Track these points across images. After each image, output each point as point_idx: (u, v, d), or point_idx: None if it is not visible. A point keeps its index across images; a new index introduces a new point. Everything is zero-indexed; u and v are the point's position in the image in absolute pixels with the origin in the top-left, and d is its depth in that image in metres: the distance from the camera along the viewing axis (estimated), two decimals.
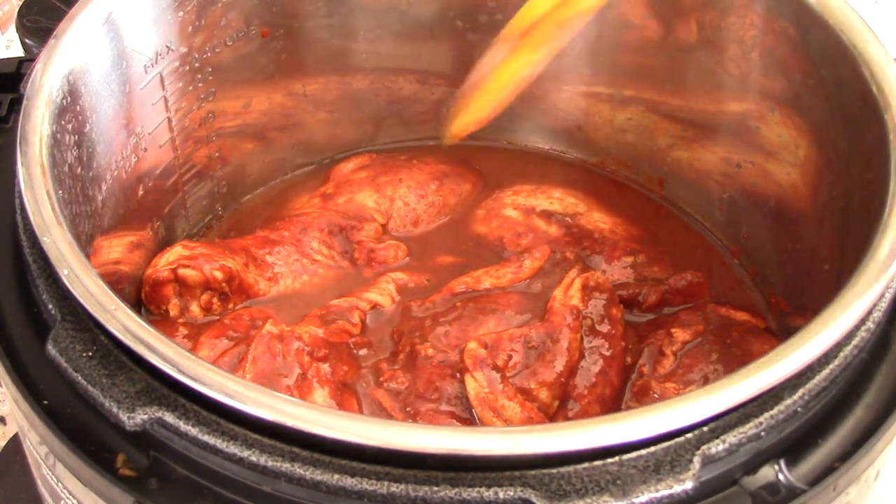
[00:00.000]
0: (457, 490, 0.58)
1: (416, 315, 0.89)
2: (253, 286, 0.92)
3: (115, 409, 0.61)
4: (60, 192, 0.71)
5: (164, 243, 0.95)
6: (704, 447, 0.60)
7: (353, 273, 0.96)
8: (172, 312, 0.90)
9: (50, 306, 0.67)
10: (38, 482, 0.74)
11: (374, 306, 0.91)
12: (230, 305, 0.91)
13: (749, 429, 0.61)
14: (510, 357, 0.82)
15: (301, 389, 0.81)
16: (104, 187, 0.84)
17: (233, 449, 0.59)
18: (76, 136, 0.79)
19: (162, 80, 0.91)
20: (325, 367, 0.83)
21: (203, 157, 0.99)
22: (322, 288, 0.94)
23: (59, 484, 0.68)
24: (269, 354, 0.82)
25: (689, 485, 0.58)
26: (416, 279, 0.94)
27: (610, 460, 0.59)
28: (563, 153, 1.11)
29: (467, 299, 0.89)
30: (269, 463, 0.59)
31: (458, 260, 0.97)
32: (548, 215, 1.00)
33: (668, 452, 0.60)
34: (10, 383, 0.67)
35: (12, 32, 1.39)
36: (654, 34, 0.99)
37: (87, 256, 0.68)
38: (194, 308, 0.90)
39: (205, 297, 0.90)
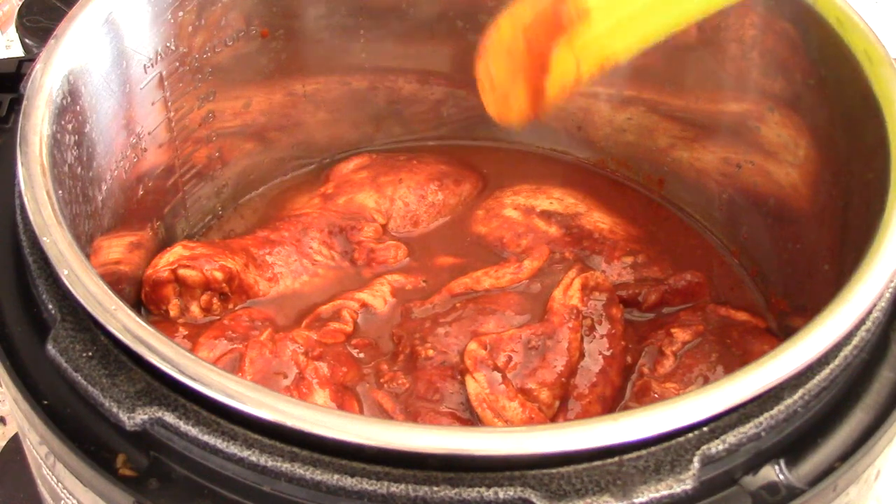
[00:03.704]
0: (457, 490, 0.58)
1: (415, 316, 0.89)
2: (253, 286, 0.92)
3: (115, 409, 0.61)
4: (60, 192, 0.71)
5: (164, 243, 0.95)
6: (704, 447, 0.60)
7: (352, 273, 0.96)
8: (172, 313, 0.90)
9: (50, 306, 0.67)
10: (38, 482, 0.74)
11: (364, 306, 0.91)
12: (230, 306, 0.91)
13: (749, 429, 0.61)
14: (510, 358, 0.82)
15: (301, 391, 0.81)
16: (104, 187, 0.84)
17: (233, 449, 0.59)
18: (76, 136, 0.79)
19: (162, 80, 0.91)
20: (323, 365, 0.83)
21: (203, 157, 0.99)
22: (322, 288, 0.94)
23: (59, 484, 0.68)
24: (265, 356, 0.82)
25: (689, 485, 0.58)
26: (413, 281, 0.94)
27: (610, 460, 0.59)
28: (563, 153, 1.11)
29: (467, 300, 0.89)
30: (269, 463, 0.59)
31: (457, 260, 0.97)
32: (548, 215, 1.00)
33: (668, 452, 0.60)
34: (10, 383, 0.67)
35: (12, 32, 1.39)
36: None
37: (87, 256, 0.68)
38: (194, 308, 0.90)
39: (205, 297, 0.90)
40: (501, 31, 0.80)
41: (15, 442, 1.09)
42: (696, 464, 0.59)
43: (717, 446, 0.60)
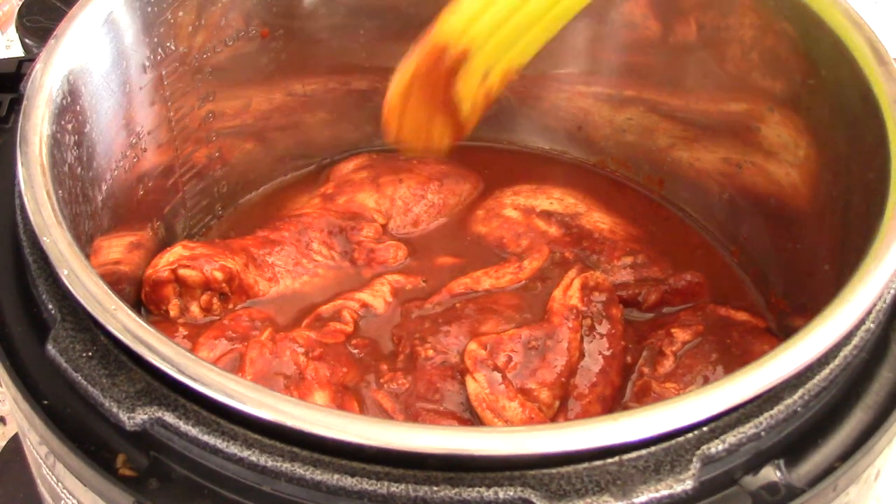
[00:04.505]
0: (457, 490, 0.58)
1: (416, 316, 0.89)
2: (253, 286, 0.92)
3: (115, 409, 0.61)
4: (60, 192, 0.71)
5: (164, 243, 0.95)
6: (704, 447, 0.60)
7: (352, 273, 0.96)
8: (172, 313, 0.90)
9: (50, 306, 0.67)
10: (38, 482, 0.74)
11: (364, 306, 0.91)
12: (230, 306, 0.91)
13: (749, 429, 0.61)
14: (510, 358, 0.82)
15: (301, 391, 0.81)
16: (104, 187, 0.84)
17: (233, 449, 0.59)
18: (76, 136, 0.79)
19: (162, 80, 0.91)
20: (323, 366, 0.83)
21: (203, 157, 0.99)
22: (322, 288, 0.94)
23: (59, 484, 0.68)
24: (265, 356, 0.82)
25: (689, 485, 0.58)
26: (413, 281, 0.94)
27: (610, 460, 0.59)
28: (563, 153, 1.11)
29: (467, 300, 0.89)
30: (269, 463, 0.59)
31: (457, 260, 0.97)
32: (548, 215, 1.00)
33: (668, 452, 0.60)
34: (10, 383, 0.67)
35: (12, 32, 1.39)
36: (654, 34, 0.99)
37: (87, 256, 0.68)
38: (194, 308, 0.90)
39: (205, 297, 0.90)
40: (402, 89, 0.84)
41: (15, 442, 1.09)
42: (696, 464, 0.59)
43: (717, 446, 0.60)
